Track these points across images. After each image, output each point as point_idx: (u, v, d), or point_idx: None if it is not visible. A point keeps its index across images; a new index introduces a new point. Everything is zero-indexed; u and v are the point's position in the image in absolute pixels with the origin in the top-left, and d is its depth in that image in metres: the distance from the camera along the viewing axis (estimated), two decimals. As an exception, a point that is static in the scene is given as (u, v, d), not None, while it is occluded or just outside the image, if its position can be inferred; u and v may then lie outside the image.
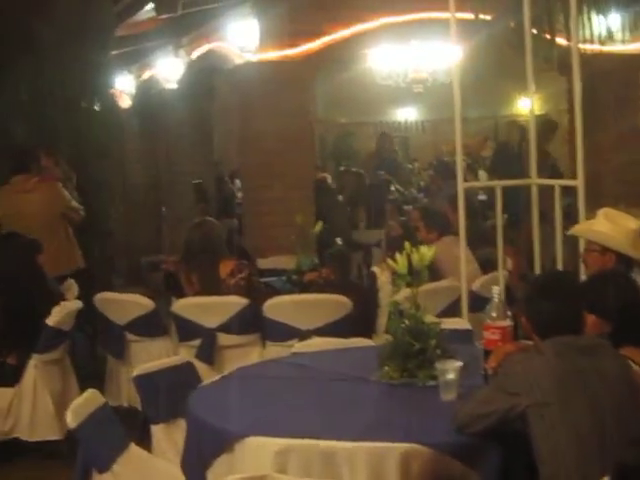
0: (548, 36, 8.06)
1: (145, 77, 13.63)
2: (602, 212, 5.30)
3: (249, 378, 4.79)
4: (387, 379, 4.41)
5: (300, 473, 3.62)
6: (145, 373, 4.88)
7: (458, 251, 6.97)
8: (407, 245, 4.55)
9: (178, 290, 6.92)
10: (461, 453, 3.59)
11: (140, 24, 12.17)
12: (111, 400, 6.81)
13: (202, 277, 6.88)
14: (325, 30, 9.89)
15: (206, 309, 6.67)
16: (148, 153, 14.56)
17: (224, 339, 6.65)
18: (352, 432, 3.73)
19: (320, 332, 6.36)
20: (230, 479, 3.25)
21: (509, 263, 8.12)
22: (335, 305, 6.59)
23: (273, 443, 3.70)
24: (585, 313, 3.77)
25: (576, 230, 5.66)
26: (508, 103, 21.32)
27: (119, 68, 14.31)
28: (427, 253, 4.52)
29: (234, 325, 6.62)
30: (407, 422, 3.90)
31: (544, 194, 7.03)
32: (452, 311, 6.70)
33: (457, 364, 4.08)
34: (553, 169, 10.35)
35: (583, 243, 5.59)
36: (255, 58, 9.75)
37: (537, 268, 6.90)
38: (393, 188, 13.27)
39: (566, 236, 6.24)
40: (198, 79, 12.05)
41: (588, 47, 8.43)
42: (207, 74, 11.91)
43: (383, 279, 7.04)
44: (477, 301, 6.71)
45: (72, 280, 7.69)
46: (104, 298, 7.21)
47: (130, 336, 7.07)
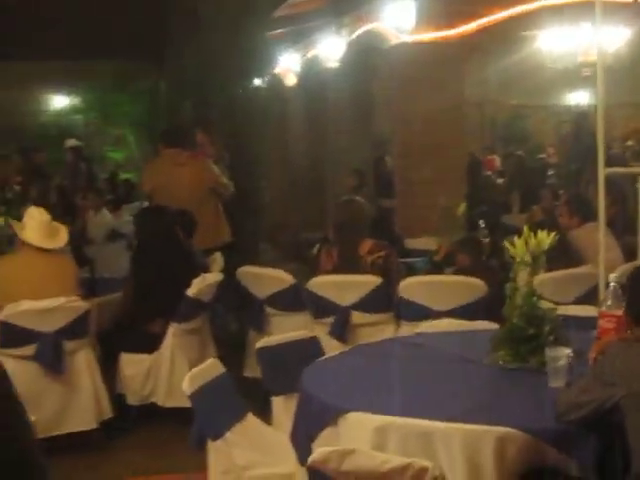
0: None
1: (309, 56, 13.78)
2: None
3: (364, 355, 4.86)
4: (499, 363, 4.40)
5: (398, 450, 3.67)
6: (268, 346, 5.02)
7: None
8: (526, 230, 4.52)
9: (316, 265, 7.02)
10: (557, 440, 3.57)
11: (305, 3, 12.31)
12: (250, 372, 7.04)
13: (342, 253, 6.94)
14: (482, 11, 9.79)
15: (340, 287, 6.74)
16: (312, 131, 14.72)
17: (358, 317, 6.73)
18: (453, 413, 3.75)
19: (453, 314, 6.33)
20: (320, 451, 3.32)
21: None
22: (469, 287, 6.56)
23: (373, 419, 3.77)
24: None
25: None
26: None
27: (285, 47, 14.57)
28: (545, 239, 4.47)
29: (368, 303, 6.68)
30: (509, 406, 3.91)
31: None
32: (589, 298, 6.57)
33: (566, 351, 4.04)
34: None
35: None
36: (411, 39, 9.73)
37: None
38: (550, 172, 13.02)
39: None
40: (358, 58, 12.11)
41: None
42: (367, 54, 11.96)
43: (521, 264, 6.95)
44: (619, 289, 6.58)
45: (218, 253, 7.90)
46: (247, 272, 7.40)
47: (270, 310, 7.23)
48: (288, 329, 6.92)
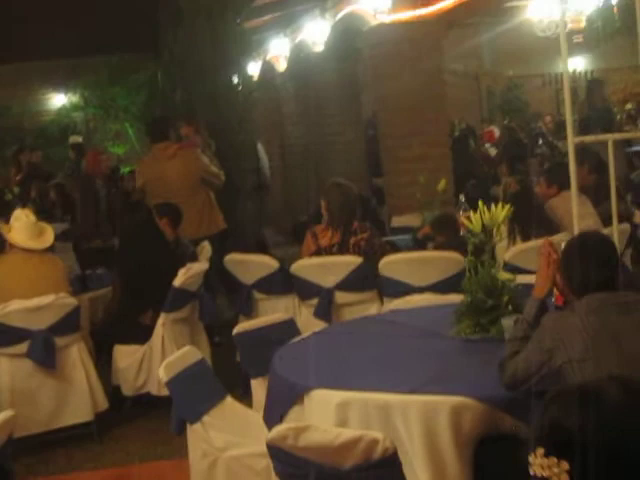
0: None
1: (297, 41, 13.89)
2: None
3: (335, 334, 5.03)
4: (461, 335, 4.56)
5: (360, 424, 3.83)
6: (244, 330, 5.19)
7: (578, 206, 6.94)
8: (480, 203, 4.66)
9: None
10: (511, 407, 3.71)
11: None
12: (241, 356, 7.21)
13: (341, 234, 7.08)
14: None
15: (322, 269, 6.90)
16: (302, 116, 14.85)
17: (341, 297, 6.89)
18: (412, 385, 3.91)
19: (435, 289, 6.49)
20: (276, 429, 3.48)
21: (638, 216, 8.02)
22: (447, 262, 6.67)
23: (335, 395, 3.94)
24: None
25: None
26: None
27: (274, 32, 14.67)
28: (500, 213, 4.61)
29: (350, 283, 6.84)
30: (466, 376, 4.05)
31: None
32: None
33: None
34: None
35: None
36: (388, 19, 9.85)
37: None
38: (541, 142, 13.10)
39: None
40: (342, 41, 12.21)
41: None
42: (350, 36, 12.07)
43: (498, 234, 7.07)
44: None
45: (206, 242, 8.05)
46: (233, 259, 7.56)
47: (257, 294, 7.39)
48: (276, 312, 7.12)
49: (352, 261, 6.85)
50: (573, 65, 23.31)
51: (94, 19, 16.33)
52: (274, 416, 4.28)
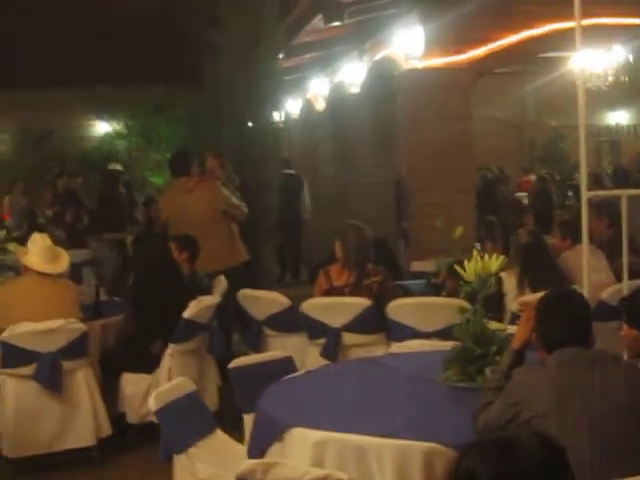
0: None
1: (335, 81, 14.05)
2: None
3: (326, 375, 5.07)
4: (449, 382, 4.58)
5: (335, 465, 3.87)
6: (240, 366, 5.25)
7: (591, 259, 6.94)
8: (475, 253, 4.70)
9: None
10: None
11: (328, 30, 12.56)
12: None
13: (356, 275, 7.14)
14: (490, 37, 9.97)
15: (331, 309, 6.95)
16: (337, 156, 14.98)
17: (349, 338, 6.91)
18: (389, 429, 3.94)
19: (440, 335, 6.50)
20: (246, 463, 3.53)
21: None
22: (454, 308, 6.69)
23: (312, 434, 3.98)
24: (626, 327, 3.82)
25: None
26: None
27: (315, 71, 14.86)
28: (493, 262, 4.64)
29: (358, 324, 6.87)
30: (443, 423, 4.08)
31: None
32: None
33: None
34: None
35: None
36: (420, 65, 9.94)
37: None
38: (570, 193, 13.09)
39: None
40: (377, 84, 12.32)
41: None
42: (385, 80, 12.18)
43: (509, 284, 7.11)
44: (606, 310, 6.74)
45: (222, 276, 8.11)
46: (245, 294, 7.64)
47: (268, 331, 7.46)
48: (285, 349, 7.17)
49: (361, 303, 6.89)
50: (616, 118, 23.33)
51: (141, 49, 16.63)
52: (256, 451, 4.33)
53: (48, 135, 19.93)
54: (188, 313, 6.94)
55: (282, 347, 7.19)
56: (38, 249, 6.71)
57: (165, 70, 17.19)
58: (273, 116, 10.96)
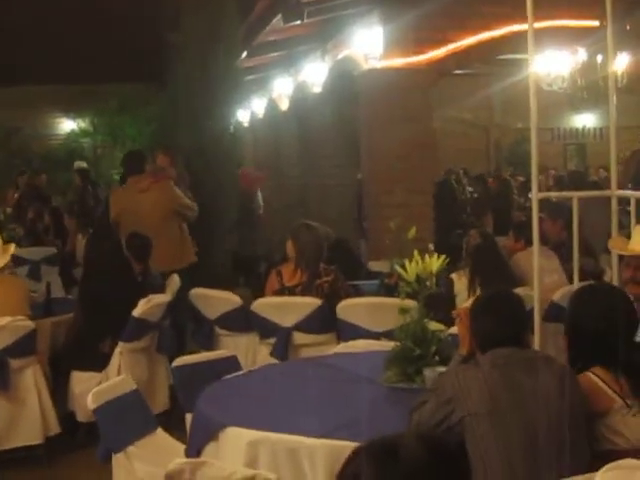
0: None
1: (298, 81, 14.04)
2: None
3: (267, 374, 5.05)
4: (388, 382, 4.58)
5: (268, 465, 3.86)
6: (183, 365, 5.22)
7: (543, 261, 6.96)
8: (416, 253, 4.70)
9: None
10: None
11: (291, 29, 12.54)
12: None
13: (308, 276, 7.13)
14: (449, 38, 9.99)
15: (282, 308, 6.94)
16: (301, 156, 14.96)
17: (299, 338, 6.91)
18: (323, 429, 3.93)
19: (390, 335, 6.48)
20: (174, 462, 3.51)
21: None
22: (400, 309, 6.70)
23: (246, 434, 3.96)
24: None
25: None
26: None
27: (279, 71, 14.83)
28: (433, 263, 4.64)
29: (309, 324, 6.86)
30: (378, 423, 4.06)
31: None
32: (527, 319, 6.72)
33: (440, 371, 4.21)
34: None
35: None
36: (380, 65, 9.95)
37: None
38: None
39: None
40: (339, 84, 12.32)
41: None
42: (347, 79, 12.18)
43: (460, 285, 7.12)
44: (556, 311, 6.76)
45: (175, 275, 8.07)
46: (197, 293, 7.61)
47: (219, 330, 7.43)
48: (237, 349, 7.16)
49: (312, 302, 6.88)
50: (583, 121, 23.47)
51: (106, 47, 16.53)
52: (193, 450, 4.31)
53: (16, 132, 19.80)
54: (137, 311, 6.91)
55: (234, 346, 7.18)
56: (-18, 246, 6.66)
57: (132, 69, 17.08)
58: (234, 116, 10.86)
